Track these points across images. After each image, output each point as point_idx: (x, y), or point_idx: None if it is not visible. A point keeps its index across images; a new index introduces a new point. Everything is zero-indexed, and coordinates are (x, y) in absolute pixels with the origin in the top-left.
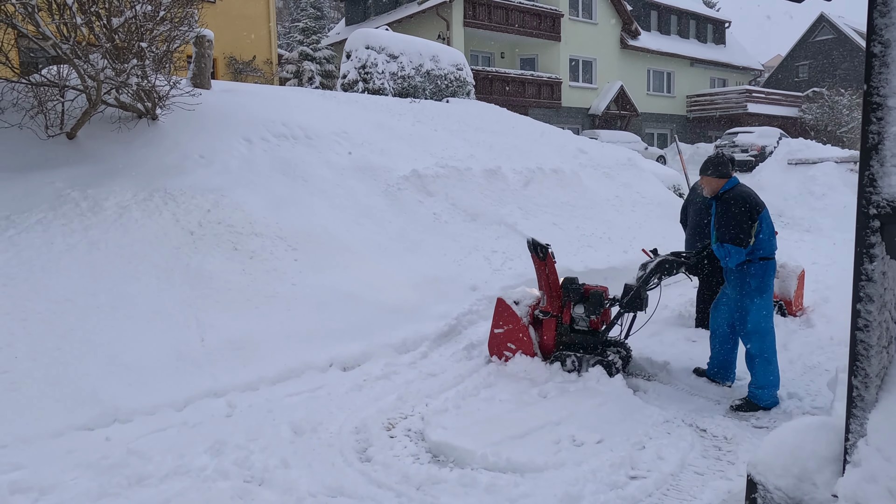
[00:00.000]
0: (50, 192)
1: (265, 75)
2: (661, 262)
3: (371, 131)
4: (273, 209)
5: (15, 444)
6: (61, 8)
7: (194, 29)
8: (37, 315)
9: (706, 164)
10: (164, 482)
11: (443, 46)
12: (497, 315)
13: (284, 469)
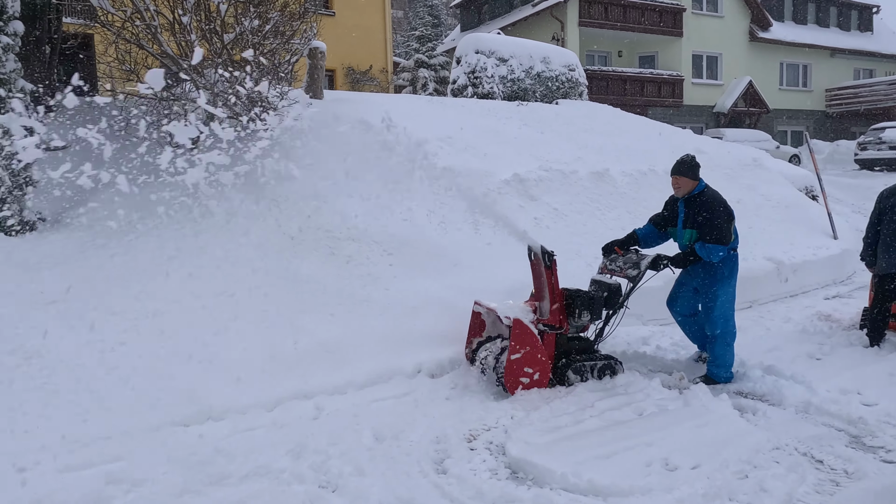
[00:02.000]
0: (166, 199)
1: (381, 84)
2: (657, 259)
3: (475, 135)
4: (372, 215)
5: (118, 437)
6: (182, 27)
7: (307, 42)
8: (147, 315)
9: (683, 165)
10: (243, 482)
11: (554, 48)
12: (515, 339)
13: (359, 476)
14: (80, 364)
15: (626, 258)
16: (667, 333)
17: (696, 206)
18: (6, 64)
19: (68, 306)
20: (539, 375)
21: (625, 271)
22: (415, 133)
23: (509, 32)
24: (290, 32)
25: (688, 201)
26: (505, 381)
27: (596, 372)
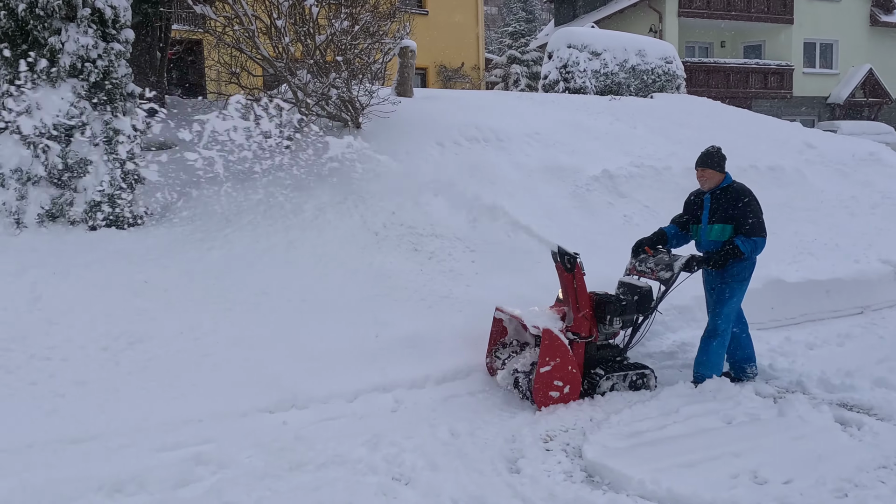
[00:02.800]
0: (262, 196)
1: (473, 81)
2: (691, 260)
3: (564, 131)
4: (455, 211)
5: (209, 420)
6: (277, 30)
7: (398, 41)
8: (238, 305)
9: (710, 157)
10: (320, 469)
11: (650, 40)
12: (545, 350)
13: (432, 471)
14: (178, 349)
15: (657, 259)
16: (762, 338)
17: (725, 199)
18: (118, 69)
19: (169, 295)
20: (570, 389)
21: (656, 273)
22: (502, 129)
23: (604, 25)
24: (380, 32)
25: (715, 195)
26: (534, 396)
27: (627, 383)
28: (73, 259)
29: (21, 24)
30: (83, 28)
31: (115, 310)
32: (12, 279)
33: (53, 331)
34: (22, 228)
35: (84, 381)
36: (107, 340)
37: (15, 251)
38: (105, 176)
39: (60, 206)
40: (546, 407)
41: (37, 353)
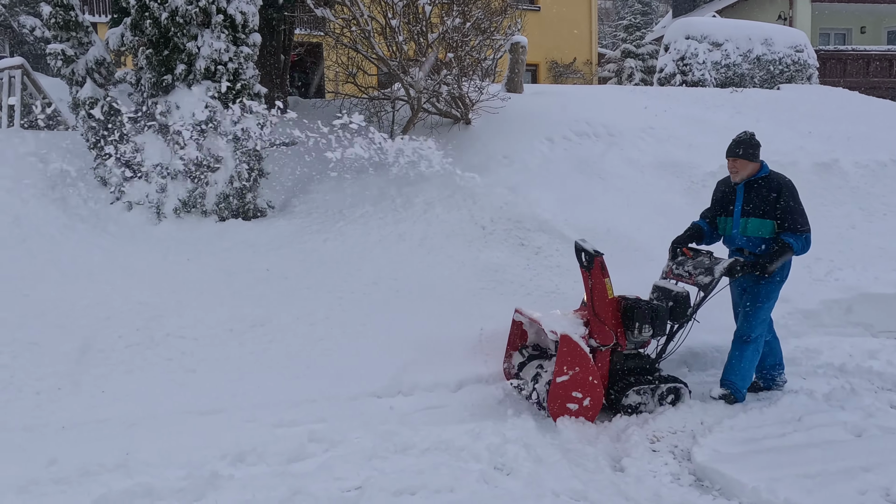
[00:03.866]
0: (375, 190)
1: (585, 76)
2: (734, 264)
3: (679, 125)
4: (563, 207)
5: (321, 401)
6: (392, 30)
7: (509, 37)
8: (350, 294)
9: (742, 145)
10: (424, 454)
11: (778, 27)
12: (562, 358)
13: (535, 463)
14: (294, 334)
15: (696, 262)
16: None
17: (763, 191)
18: (246, 71)
19: (288, 283)
20: (590, 402)
21: (695, 278)
22: (614, 124)
23: (727, 15)
24: (491, 29)
25: (749, 186)
26: (549, 408)
27: (657, 397)
28: (205, 247)
29: (164, 31)
30: (216, 33)
31: (240, 294)
32: (153, 264)
33: (186, 312)
34: (161, 218)
35: (211, 358)
36: (232, 323)
37: (156, 239)
38: (233, 171)
39: (194, 198)
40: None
41: (172, 332)
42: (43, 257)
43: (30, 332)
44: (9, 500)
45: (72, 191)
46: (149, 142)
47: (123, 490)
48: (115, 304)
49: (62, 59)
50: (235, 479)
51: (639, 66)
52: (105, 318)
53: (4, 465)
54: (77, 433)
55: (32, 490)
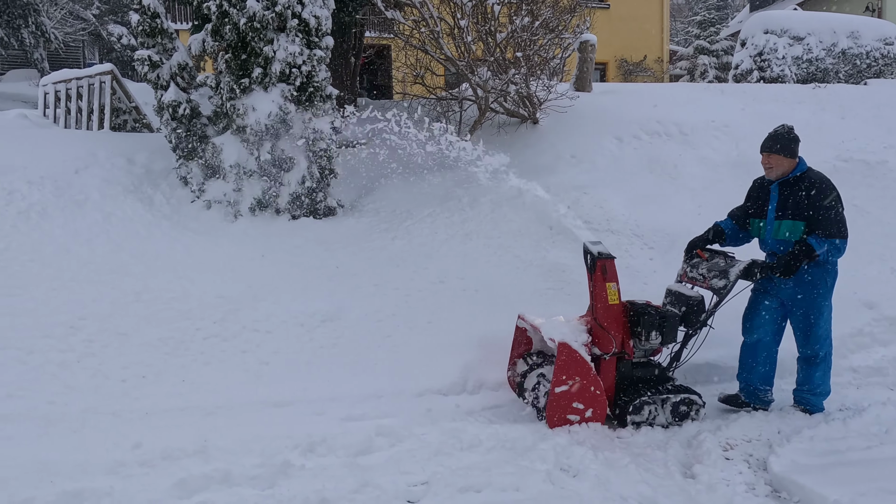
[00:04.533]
0: (441, 190)
1: (655, 74)
2: (751, 266)
3: (756, 124)
4: (633, 206)
5: (388, 397)
6: (461, 30)
7: (578, 36)
8: (417, 292)
9: (778, 139)
10: (489, 452)
11: (866, 19)
12: (561, 367)
13: (603, 465)
14: (363, 330)
15: (711, 264)
16: None
17: (798, 191)
18: (319, 74)
19: (357, 280)
20: (592, 413)
21: (709, 281)
22: (686, 122)
23: (809, 8)
24: (560, 28)
25: (784, 185)
26: (547, 418)
27: (669, 409)
28: (278, 244)
29: (242, 36)
30: (291, 37)
31: (310, 290)
32: (230, 260)
33: (260, 306)
34: (238, 216)
35: (283, 351)
36: (303, 317)
37: (232, 236)
38: (305, 171)
39: (268, 197)
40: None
41: (247, 326)
42: (129, 252)
43: (118, 323)
44: (99, 479)
45: (156, 190)
46: (227, 143)
47: (202, 474)
48: (195, 297)
49: (148, 65)
50: (307, 469)
51: (713, 62)
52: (186, 311)
53: (95, 447)
54: (159, 419)
55: (120, 471)
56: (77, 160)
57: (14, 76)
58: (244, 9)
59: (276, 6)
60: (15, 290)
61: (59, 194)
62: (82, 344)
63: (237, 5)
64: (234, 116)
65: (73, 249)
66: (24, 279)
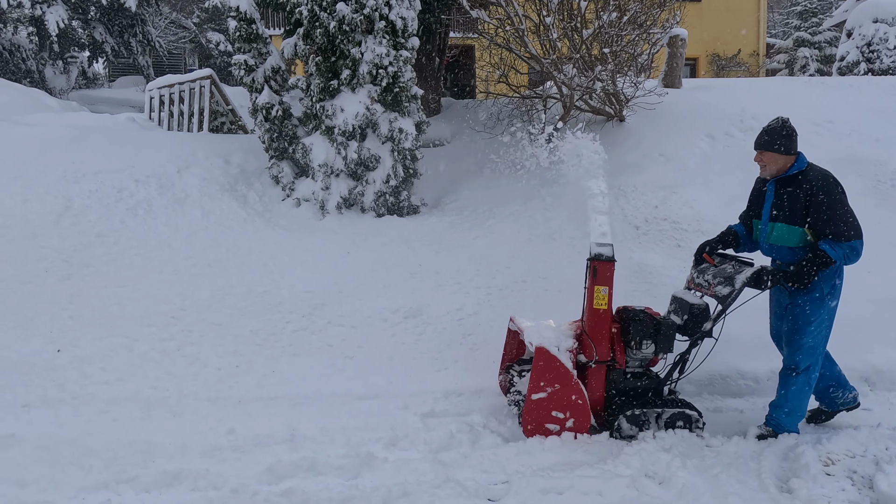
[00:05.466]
0: (525, 189)
1: (750, 69)
2: (759, 273)
3: (864, 118)
4: (724, 207)
5: (469, 394)
6: (546, 28)
7: (667, 30)
8: (498, 290)
9: (772, 134)
10: (572, 454)
11: None
12: (537, 373)
13: (691, 474)
14: (443, 327)
15: (717, 270)
16: None
17: (796, 190)
18: (405, 74)
19: (439, 277)
20: (574, 423)
21: (713, 288)
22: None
23: None
24: (648, 23)
25: (781, 183)
26: (523, 425)
27: (663, 423)
28: (363, 242)
29: (331, 39)
30: (378, 39)
31: (394, 287)
32: (318, 256)
33: (346, 302)
34: (325, 214)
35: (368, 346)
36: (387, 313)
37: (320, 233)
38: (390, 170)
39: (355, 195)
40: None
41: (333, 320)
42: (225, 247)
43: (214, 314)
44: (196, 461)
45: (249, 188)
46: (316, 143)
47: (290, 462)
48: (285, 291)
49: (244, 69)
50: (389, 462)
51: (814, 55)
52: (276, 305)
53: (192, 431)
54: (251, 407)
55: (215, 455)
56: (179, 160)
57: (123, 82)
58: (334, 12)
59: (365, 9)
60: (124, 281)
61: (162, 192)
62: (182, 333)
63: (327, 9)
64: (323, 117)
65: (174, 244)
66: (132, 271)
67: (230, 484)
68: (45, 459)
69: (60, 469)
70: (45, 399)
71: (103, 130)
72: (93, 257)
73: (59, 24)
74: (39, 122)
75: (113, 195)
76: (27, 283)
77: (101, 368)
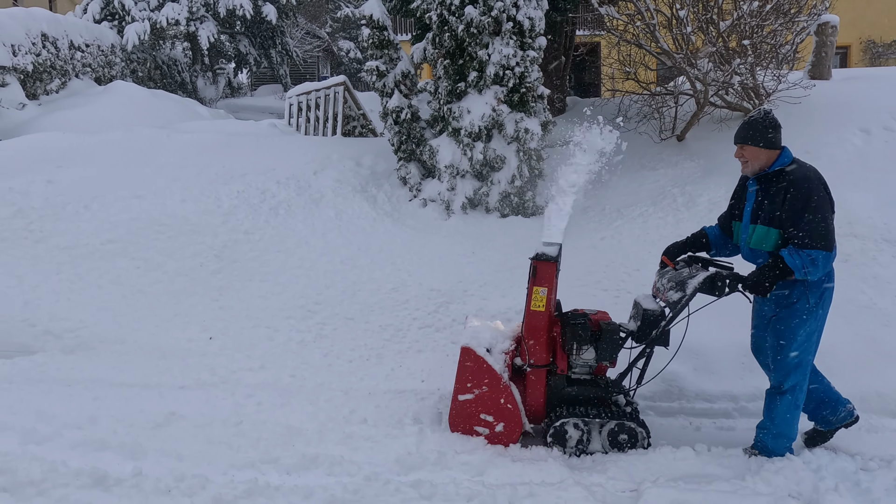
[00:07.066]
0: (654, 189)
1: None
2: (713, 278)
3: None
4: (883, 208)
5: None
6: (679, 21)
7: (816, 17)
8: (626, 294)
9: (753, 127)
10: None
11: None
12: (463, 373)
13: (843, 498)
14: None
15: (675, 274)
16: None
17: (777, 189)
18: (531, 74)
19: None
20: (504, 427)
21: (665, 293)
22: None
23: None
24: (794, 10)
25: (764, 181)
26: (450, 425)
27: (606, 433)
28: (488, 241)
29: (459, 42)
30: (505, 40)
31: (517, 287)
32: (443, 255)
33: (470, 301)
34: (450, 214)
35: None
36: (511, 313)
37: (446, 232)
38: (515, 170)
39: (479, 196)
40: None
41: (457, 318)
42: (357, 245)
43: (346, 308)
44: (331, 447)
45: (379, 189)
46: (442, 144)
47: (419, 454)
48: (412, 288)
49: (376, 74)
50: (515, 461)
51: None
52: (403, 301)
53: (327, 419)
54: (380, 399)
55: (349, 442)
56: (315, 163)
57: (263, 91)
58: (462, 16)
59: (493, 11)
60: (267, 275)
61: (300, 193)
62: (317, 326)
63: (456, 13)
64: (450, 119)
65: (311, 242)
66: (273, 266)
67: (364, 471)
68: (200, 437)
69: (213, 447)
70: (199, 382)
71: (249, 136)
72: (240, 253)
73: (209, 38)
74: (194, 130)
75: (257, 196)
76: (184, 276)
77: (246, 356)
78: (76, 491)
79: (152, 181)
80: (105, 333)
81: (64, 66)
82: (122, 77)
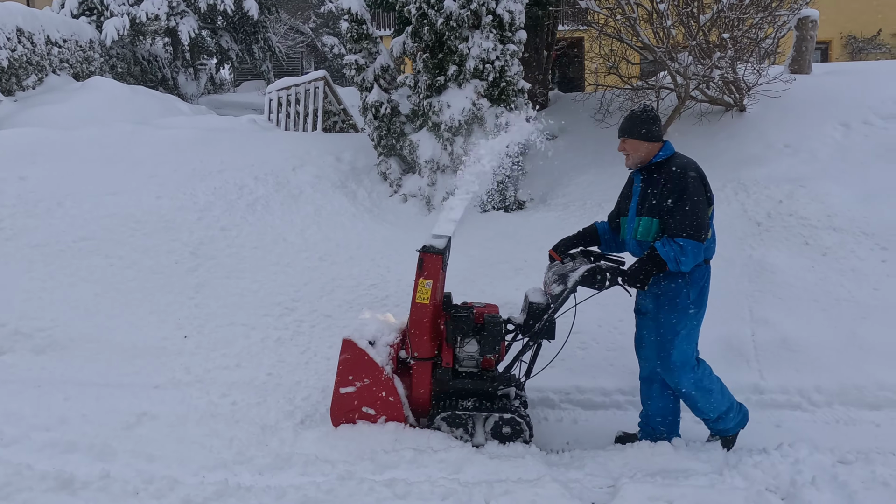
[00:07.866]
0: None
1: (891, 50)
2: (593, 271)
3: None
4: (861, 202)
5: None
6: (659, 15)
7: (796, 12)
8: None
9: (634, 121)
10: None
11: None
12: (344, 366)
13: (816, 490)
14: None
15: (560, 267)
16: None
17: (658, 179)
18: (511, 68)
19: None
20: (386, 421)
21: (549, 287)
22: None
23: None
24: (774, 4)
25: (647, 172)
26: (331, 418)
27: (489, 427)
28: (469, 238)
29: (438, 36)
30: (485, 34)
31: (499, 283)
32: None
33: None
34: (431, 210)
35: None
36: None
37: (426, 228)
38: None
39: None
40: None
41: None
42: (336, 241)
43: (324, 305)
44: (306, 447)
45: (359, 185)
46: (422, 139)
47: (394, 452)
48: (391, 286)
49: (355, 68)
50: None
51: None
52: (382, 297)
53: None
54: None
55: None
56: (294, 158)
57: (246, 87)
58: (441, 9)
59: (472, 4)
60: (244, 272)
61: (278, 189)
62: (295, 323)
63: (435, 6)
64: (430, 113)
65: (289, 238)
66: (250, 263)
67: (337, 470)
68: (173, 437)
69: (185, 447)
70: (174, 381)
71: (227, 132)
72: (216, 250)
73: (190, 34)
74: (172, 125)
75: (235, 192)
76: (159, 274)
77: (222, 354)
78: (41, 495)
79: (128, 177)
80: (77, 333)
81: (41, 61)
82: (101, 73)
